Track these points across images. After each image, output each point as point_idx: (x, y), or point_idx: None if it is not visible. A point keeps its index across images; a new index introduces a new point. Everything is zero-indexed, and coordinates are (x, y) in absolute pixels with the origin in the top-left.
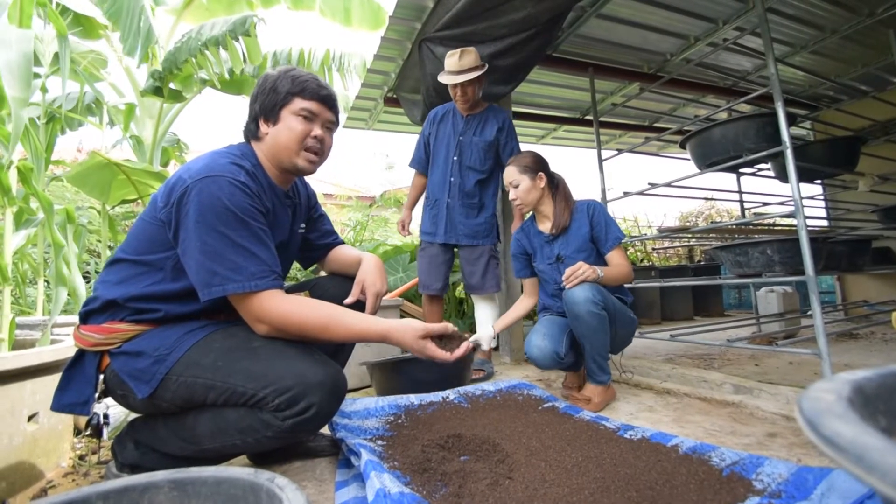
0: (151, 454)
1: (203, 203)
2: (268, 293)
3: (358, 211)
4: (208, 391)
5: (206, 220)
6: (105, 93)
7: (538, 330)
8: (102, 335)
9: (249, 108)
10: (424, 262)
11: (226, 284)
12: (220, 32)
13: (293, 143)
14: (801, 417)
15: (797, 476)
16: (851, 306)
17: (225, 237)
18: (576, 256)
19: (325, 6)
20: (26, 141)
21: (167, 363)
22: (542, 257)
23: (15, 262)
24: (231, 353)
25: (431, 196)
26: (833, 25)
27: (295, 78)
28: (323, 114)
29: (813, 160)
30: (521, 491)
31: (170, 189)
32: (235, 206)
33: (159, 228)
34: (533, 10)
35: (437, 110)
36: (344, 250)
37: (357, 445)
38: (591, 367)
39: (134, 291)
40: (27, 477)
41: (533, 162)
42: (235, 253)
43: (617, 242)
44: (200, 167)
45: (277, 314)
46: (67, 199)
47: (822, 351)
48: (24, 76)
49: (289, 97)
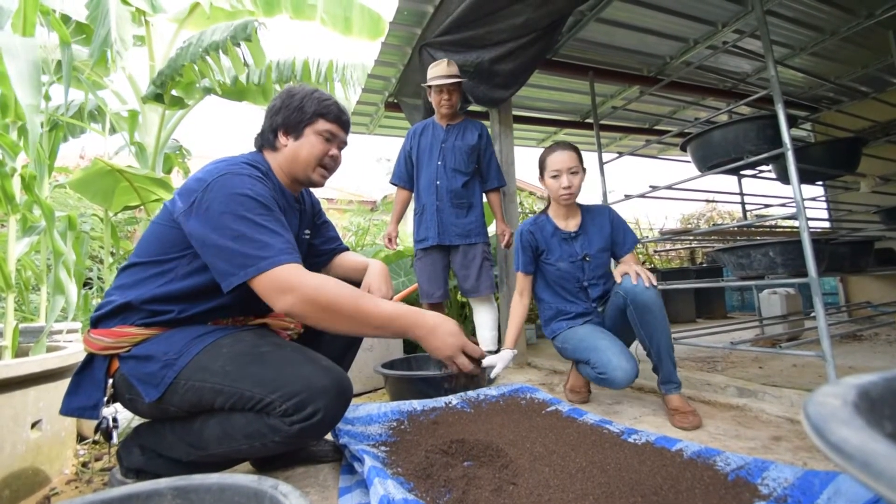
0: (157, 459)
1: (227, 194)
2: (296, 265)
3: (359, 215)
4: (216, 396)
5: (231, 208)
6: (108, 100)
7: (606, 348)
8: (112, 339)
9: (269, 119)
10: (423, 271)
11: (259, 263)
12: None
13: (313, 159)
14: (808, 423)
15: (803, 480)
16: (855, 308)
17: (251, 221)
18: (600, 256)
19: (326, 16)
20: (29, 148)
21: (176, 367)
22: (562, 255)
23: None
24: (239, 358)
25: (419, 203)
26: (832, 27)
27: (321, 100)
28: (340, 135)
29: (814, 162)
30: (526, 497)
31: (190, 190)
32: (258, 194)
33: (173, 230)
34: (532, 14)
35: (417, 126)
36: (349, 256)
37: (360, 451)
38: (667, 368)
39: (148, 293)
40: (31, 484)
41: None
42: (261, 233)
43: (633, 246)
44: (219, 166)
45: (309, 284)
46: (70, 206)
47: (826, 353)
48: (34, 84)
49: (315, 117)
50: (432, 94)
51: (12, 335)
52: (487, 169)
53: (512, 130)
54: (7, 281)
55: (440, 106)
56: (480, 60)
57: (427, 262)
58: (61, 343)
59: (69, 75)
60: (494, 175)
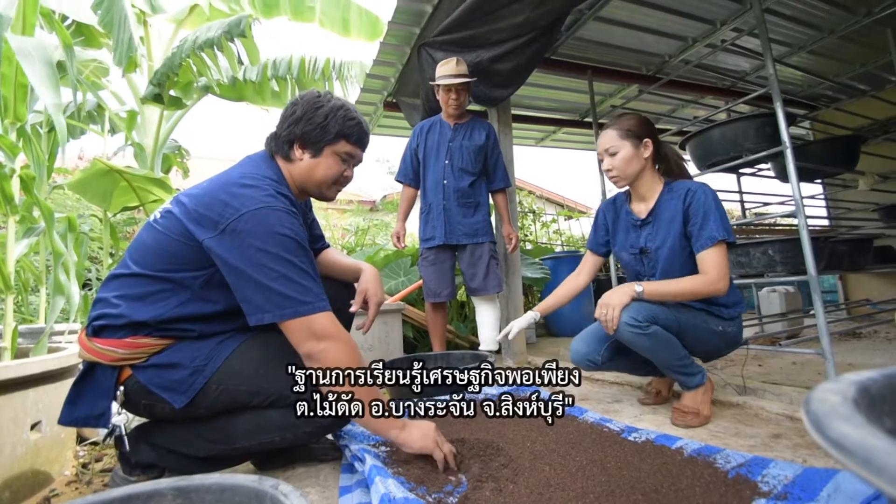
0: (168, 455)
1: (267, 231)
2: (331, 314)
3: (359, 215)
4: (253, 397)
5: (272, 248)
6: (106, 100)
7: (584, 331)
8: (127, 350)
9: (287, 127)
10: (430, 270)
11: (298, 307)
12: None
13: (329, 180)
14: (808, 420)
15: (803, 477)
16: (854, 305)
17: (291, 263)
18: (665, 253)
19: (324, 17)
20: (28, 149)
21: (206, 373)
22: (625, 243)
23: (17, 271)
24: (271, 361)
25: (426, 202)
26: (831, 25)
27: (346, 119)
28: (358, 155)
29: (813, 160)
30: (526, 495)
31: (219, 215)
32: (296, 234)
33: (190, 248)
34: (531, 14)
35: (423, 123)
36: (335, 255)
37: (361, 451)
38: (674, 377)
39: (165, 314)
40: (30, 486)
41: (638, 125)
42: (302, 277)
43: (711, 242)
44: (252, 195)
45: (344, 336)
46: (69, 207)
47: (825, 351)
48: (52, 83)
49: (338, 139)
50: (440, 92)
51: (11, 337)
52: (494, 169)
53: (511, 129)
54: (6, 282)
55: (448, 105)
56: (479, 60)
57: (434, 260)
58: (62, 344)
59: (75, 77)
60: (501, 176)
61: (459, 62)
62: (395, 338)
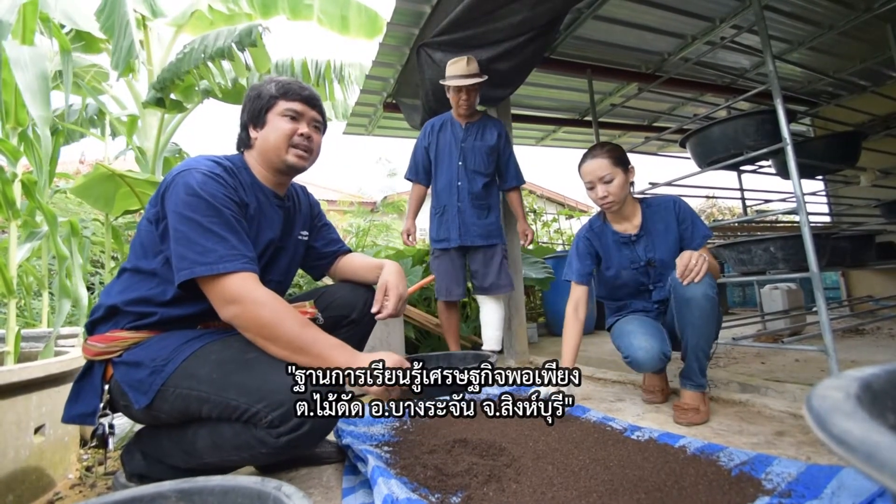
0: (158, 465)
1: (178, 193)
2: (240, 275)
3: (360, 216)
4: (202, 404)
5: (179, 209)
6: (108, 105)
7: (634, 330)
8: (104, 344)
9: (240, 120)
10: (444, 269)
11: (194, 268)
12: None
13: (281, 140)
14: (810, 416)
15: (807, 475)
16: (856, 302)
17: (195, 222)
18: (668, 260)
19: (323, 15)
20: (30, 154)
21: (163, 374)
22: (622, 261)
23: (20, 275)
24: (226, 365)
25: (439, 204)
26: (830, 21)
27: (277, 82)
28: (308, 113)
29: (814, 156)
30: (529, 495)
31: (159, 191)
32: (207, 193)
33: (150, 232)
34: (530, 13)
35: (434, 121)
36: (357, 258)
37: (363, 451)
38: (690, 366)
39: (132, 295)
40: (34, 489)
41: (623, 152)
42: (205, 237)
43: (705, 241)
44: (185, 162)
45: (253, 296)
46: (70, 212)
47: (828, 347)
48: (43, 94)
49: (273, 100)
50: (451, 92)
51: (14, 341)
52: (506, 168)
53: (511, 129)
54: (9, 287)
55: (458, 105)
56: (479, 60)
57: (446, 260)
58: (66, 347)
59: (70, 82)
60: (514, 174)
61: (470, 61)
62: (396, 339)
